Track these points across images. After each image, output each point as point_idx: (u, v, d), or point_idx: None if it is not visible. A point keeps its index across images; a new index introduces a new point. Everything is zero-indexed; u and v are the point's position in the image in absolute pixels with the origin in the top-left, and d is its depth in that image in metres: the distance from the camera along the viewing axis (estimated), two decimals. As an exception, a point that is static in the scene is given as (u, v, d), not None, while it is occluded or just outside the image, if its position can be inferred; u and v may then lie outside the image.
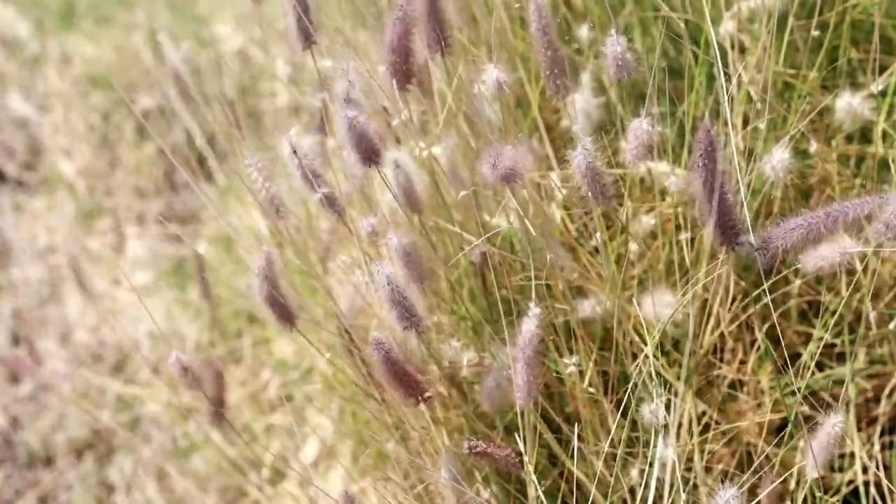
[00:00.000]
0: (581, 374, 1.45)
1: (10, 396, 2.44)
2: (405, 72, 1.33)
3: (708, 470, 1.54)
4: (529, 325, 1.27)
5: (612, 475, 1.41)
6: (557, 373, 1.48)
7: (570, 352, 1.43)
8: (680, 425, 1.51)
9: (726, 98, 1.34)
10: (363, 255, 1.43)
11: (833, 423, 1.21)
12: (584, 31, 1.60)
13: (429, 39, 1.35)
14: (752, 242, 1.21)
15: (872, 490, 1.55)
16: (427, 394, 1.34)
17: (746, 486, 1.25)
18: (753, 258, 1.22)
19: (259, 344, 2.32)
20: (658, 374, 1.39)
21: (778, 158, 1.34)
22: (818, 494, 1.39)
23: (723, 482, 1.11)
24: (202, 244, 1.96)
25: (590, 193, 1.27)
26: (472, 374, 1.50)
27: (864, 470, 1.56)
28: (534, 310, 1.27)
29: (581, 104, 1.57)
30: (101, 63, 3.09)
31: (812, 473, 1.25)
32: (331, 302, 1.51)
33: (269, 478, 2.09)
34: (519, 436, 1.34)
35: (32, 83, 3.18)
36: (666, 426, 1.33)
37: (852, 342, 1.60)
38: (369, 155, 1.29)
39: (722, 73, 1.37)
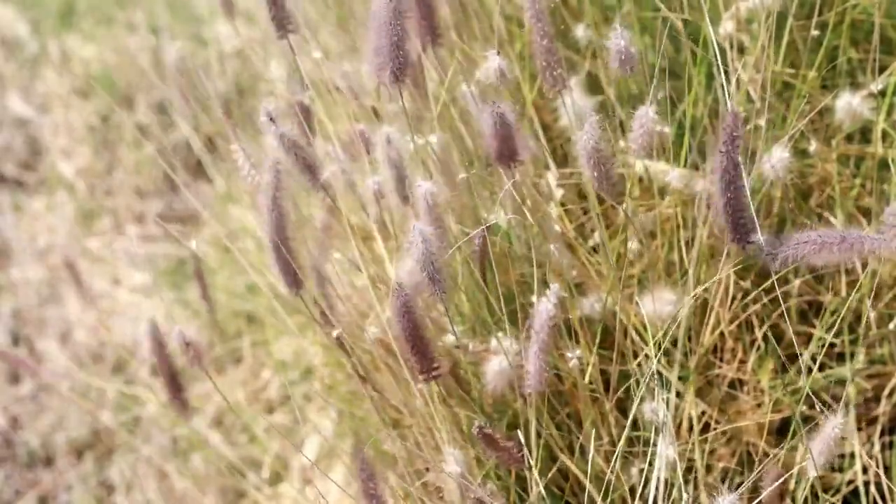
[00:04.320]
0: (582, 371, 1.45)
1: (10, 396, 2.43)
2: (400, 65, 1.30)
3: (708, 469, 1.54)
4: (547, 305, 1.25)
5: (612, 473, 1.41)
6: (557, 370, 1.48)
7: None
8: (680, 424, 1.51)
9: (728, 96, 1.34)
10: (358, 251, 1.43)
11: (833, 426, 1.21)
12: (580, 31, 1.60)
13: (420, 29, 1.35)
14: (763, 244, 1.21)
15: (872, 490, 1.55)
16: (437, 369, 1.30)
17: (747, 485, 1.25)
18: (759, 258, 1.21)
19: (258, 344, 2.31)
20: (658, 373, 1.39)
21: (777, 158, 1.34)
22: (820, 495, 1.39)
23: (723, 481, 1.11)
24: (201, 244, 1.96)
25: (594, 180, 1.26)
26: (472, 366, 1.50)
27: (864, 470, 1.56)
28: (553, 288, 1.24)
29: (574, 105, 1.57)
30: (101, 63, 3.09)
31: (812, 473, 1.24)
32: (325, 300, 1.51)
33: (268, 478, 2.09)
34: (520, 432, 1.33)
35: (32, 83, 3.18)
36: (666, 424, 1.33)
37: (852, 342, 1.60)
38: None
39: (722, 72, 1.37)
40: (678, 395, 1.47)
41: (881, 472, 1.55)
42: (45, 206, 2.87)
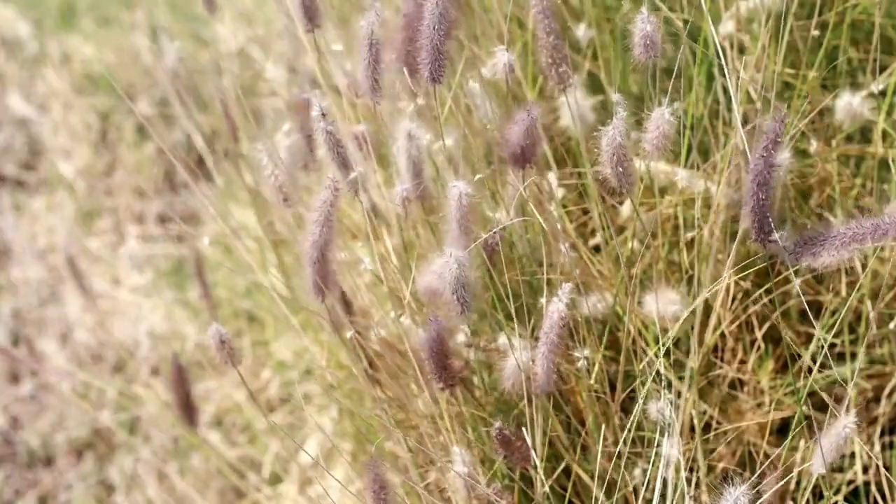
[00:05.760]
0: (588, 371, 1.45)
1: (10, 396, 2.44)
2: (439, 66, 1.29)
3: (709, 469, 1.54)
4: (559, 306, 1.24)
5: (616, 474, 1.41)
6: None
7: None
8: (682, 424, 1.51)
9: (734, 97, 1.34)
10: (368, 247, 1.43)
11: (844, 425, 1.21)
12: (580, 31, 1.60)
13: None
14: (788, 245, 1.21)
15: (873, 489, 1.55)
16: (455, 378, 1.31)
17: (749, 484, 1.25)
18: (782, 257, 1.21)
19: (259, 344, 2.32)
20: (660, 373, 1.39)
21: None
22: (825, 493, 1.39)
23: (724, 482, 1.11)
24: (204, 241, 1.96)
25: (613, 176, 1.26)
26: (480, 364, 1.50)
27: (865, 470, 1.56)
28: (565, 287, 1.24)
29: (575, 106, 1.57)
30: (101, 63, 3.09)
31: (819, 470, 1.25)
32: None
33: (268, 478, 2.09)
34: (526, 432, 1.33)
35: (32, 83, 3.18)
36: (671, 425, 1.33)
37: (852, 342, 1.60)
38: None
39: (725, 72, 1.37)
40: (679, 395, 1.47)
41: (882, 471, 1.55)
42: (45, 206, 2.87)
